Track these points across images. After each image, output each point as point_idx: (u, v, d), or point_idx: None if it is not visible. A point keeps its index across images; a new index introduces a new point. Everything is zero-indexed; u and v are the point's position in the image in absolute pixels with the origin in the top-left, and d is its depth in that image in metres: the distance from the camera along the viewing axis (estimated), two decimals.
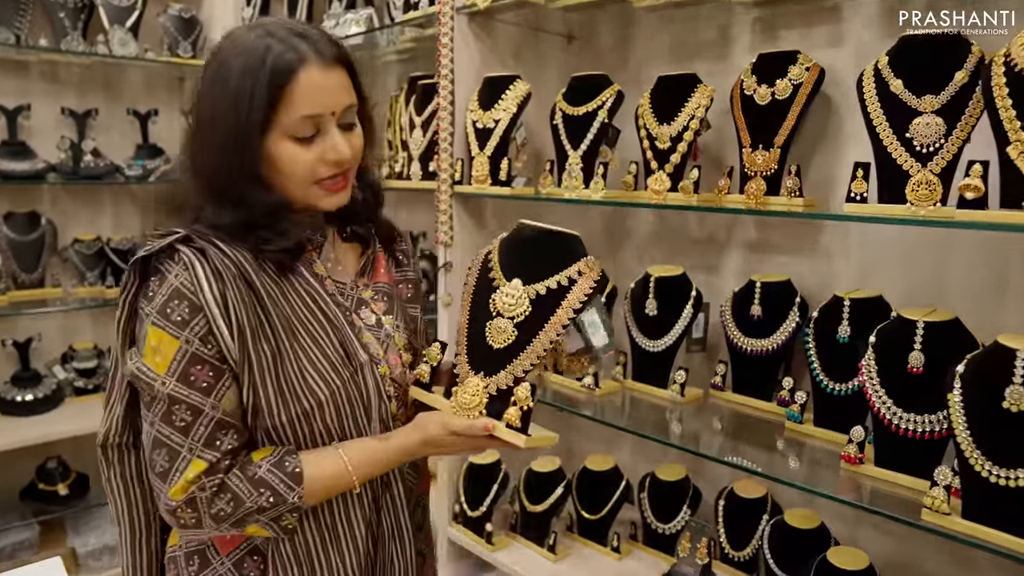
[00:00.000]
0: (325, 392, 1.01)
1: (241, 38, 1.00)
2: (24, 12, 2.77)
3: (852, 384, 1.50)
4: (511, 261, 1.14)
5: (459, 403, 1.08)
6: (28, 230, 2.88)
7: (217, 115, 0.98)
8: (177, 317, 0.95)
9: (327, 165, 1.02)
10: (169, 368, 0.95)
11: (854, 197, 1.34)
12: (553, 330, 1.06)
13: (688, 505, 1.90)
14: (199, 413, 0.96)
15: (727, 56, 1.89)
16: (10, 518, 2.88)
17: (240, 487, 0.97)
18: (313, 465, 1.01)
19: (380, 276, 1.18)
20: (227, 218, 1.00)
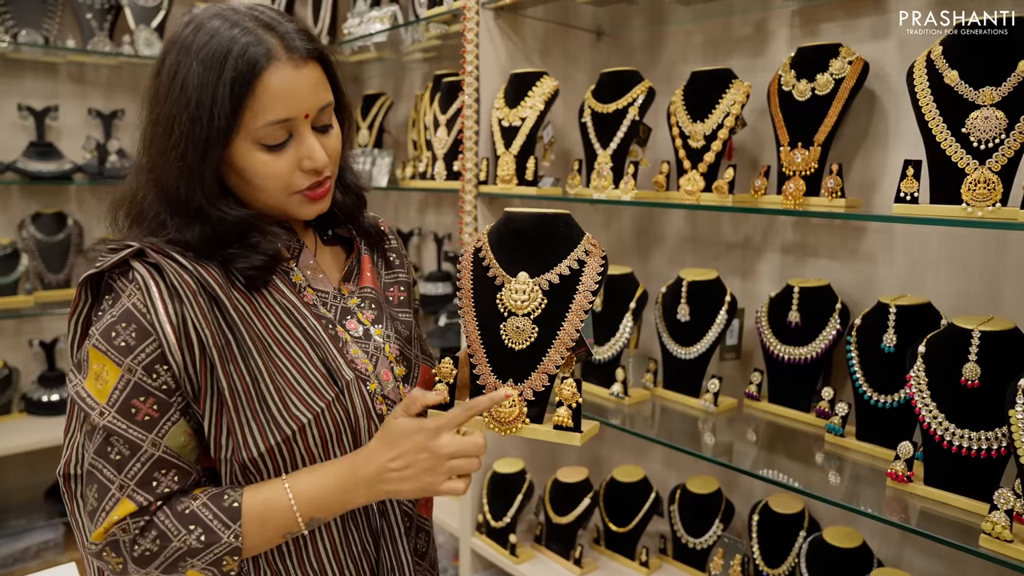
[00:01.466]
0: (307, 415, 0.90)
1: (204, 26, 0.87)
2: (52, 14, 2.78)
3: (898, 396, 1.41)
4: (508, 254, 1.05)
5: (496, 418, 1.00)
6: (55, 230, 2.89)
7: (176, 120, 0.85)
8: (121, 342, 0.84)
9: (304, 174, 0.92)
10: (109, 397, 0.84)
11: (904, 197, 1.25)
12: (576, 317, 1.00)
13: (720, 519, 1.82)
14: (137, 449, 0.84)
15: (764, 51, 1.81)
16: (35, 518, 2.89)
17: (167, 524, 0.84)
18: (255, 500, 0.88)
19: (367, 280, 1.07)
20: (190, 233, 0.89)
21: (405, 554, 1.03)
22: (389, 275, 1.13)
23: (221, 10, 0.90)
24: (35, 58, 2.85)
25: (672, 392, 1.80)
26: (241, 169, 0.89)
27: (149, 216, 0.91)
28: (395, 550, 1.02)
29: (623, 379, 1.78)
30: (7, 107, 2.83)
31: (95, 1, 2.82)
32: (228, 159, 0.89)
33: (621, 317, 1.83)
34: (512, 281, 1.02)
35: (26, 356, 2.93)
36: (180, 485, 0.87)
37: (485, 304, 1.04)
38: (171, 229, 0.89)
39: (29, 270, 2.83)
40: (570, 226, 1.05)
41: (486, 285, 1.05)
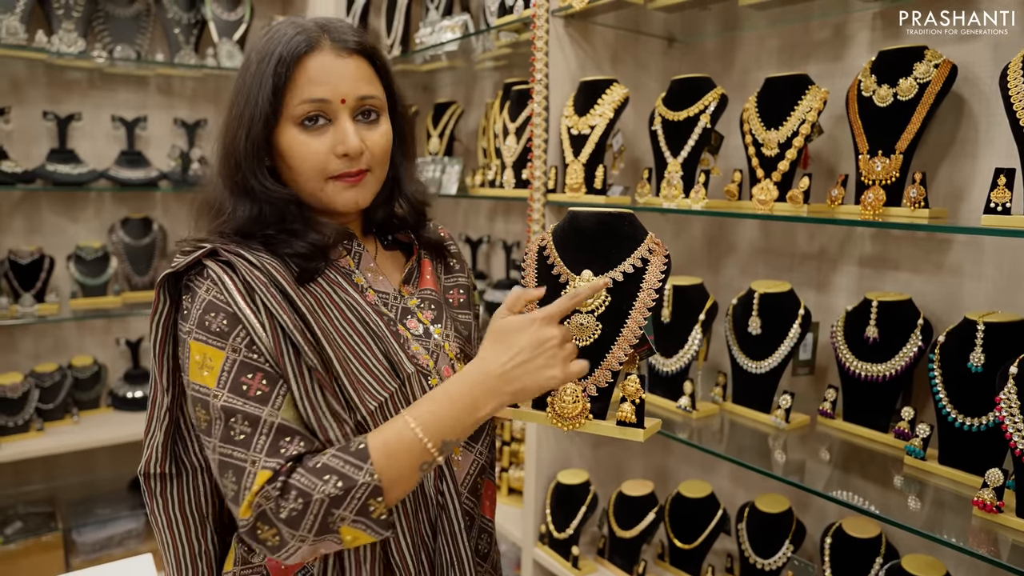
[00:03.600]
0: (372, 404, 0.93)
1: (270, 30, 0.98)
2: (144, 30, 2.93)
3: (987, 420, 1.33)
4: (572, 252, 1.06)
5: (558, 414, 1.01)
6: (141, 235, 3.03)
7: (234, 108, 0.96)
8: (216, 328, 0.88)
9: (338, 160, 0.96)
10: (219, 380, 0.87)
11: (994, 207, 1.18)
12: (640, 315, 1.01)
13: (791, 540, 1.75)
14: (257, 422, 0.86)
15: (842, 56, 1.75)
16: (120, 508, 3.03)
17: (303, 481, 0.84)
18: (379, 438, 0.89)
19: (427, 283, 1.10)
20: (241, 212, 0.96)
21: (465, 551, 1.02)
22: (449, 279, 1.16)
23: (292, 19, 0.99)
24: (128, 72, 3.01)
25: (742, 407, 1.75)
26: (283, 150, 0.96)
27: (214, 205, 0.98)
28: (454, 545, 1.02)
29: (691, 392, 1.74)
30: (102, 118, 2.99)
31: (183, 17, 2.95)
32: (274, 142, 0.96)
33: (690, 329, 1.79)
34: (576, 279, 1.04)
35: (113, 354, 3.09)
36: (307, 448, 0.88)
37: (549, 302, 1.04)
38: (226, 212, 0.96)
39: (118, 272, 2.97)
40: (634, 225, 1.06)
41: (550, 283, 1.06)
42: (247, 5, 3.06)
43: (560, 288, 1.05)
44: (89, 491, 3.07)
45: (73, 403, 2.87)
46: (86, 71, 2.95)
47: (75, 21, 2.71)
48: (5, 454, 2.56)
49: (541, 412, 1.03)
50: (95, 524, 2.92)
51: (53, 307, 2.77)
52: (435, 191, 2.48)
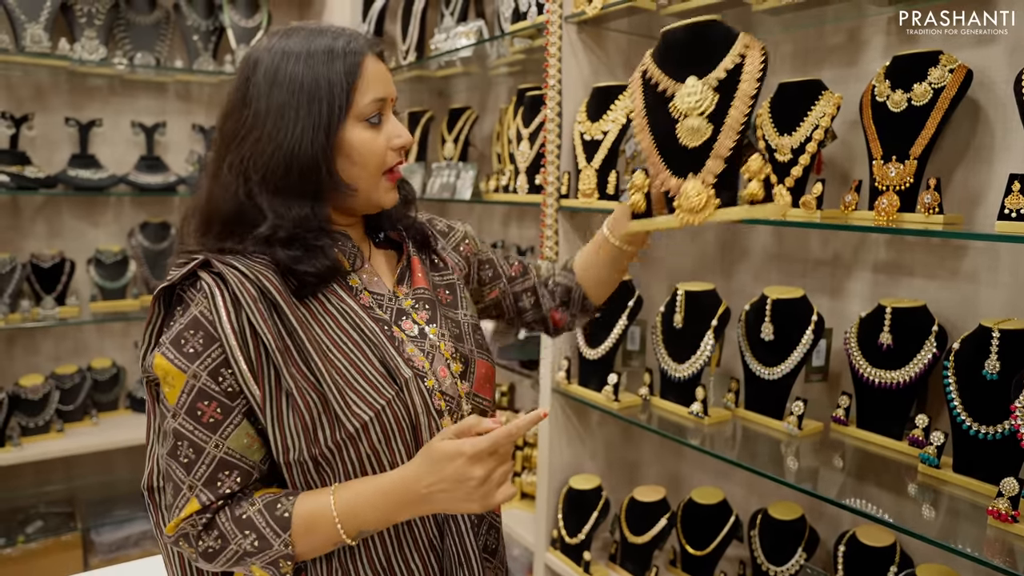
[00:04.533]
0: (369, 413, 0.93)
1: (291, 35, 0.98)
2: (164, 38, 2.97)
3: (1002, 428, 1.32)
4: (672, 67, 1.12)
5: (686, 209, 1.07)
6: (160, 239, 3.07)
7: (288, 108, 0.94)
8: (190, 349, 0.90)
9: (393, 152, 1.02)
10: (178, 400, 0.91)
11: (1009, 214, 1.17)
12: (743, 103, 1.05)
13: (804, 548, 1.74)
14: (202, 451, 0.91)
15: (856, 60, 1.74)
16: (137, 509, 3.06)
17: (226, 527, 0.92)
18: (304, 510, 0.92)
19: (419, 282, 1.11)
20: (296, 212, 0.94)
21: (472, 549, 1.04)
22: (437, 276, 1.16)
23: (295, 24, 1.01)
24: (147, 78, 3.05)
25: (754, 413, 1.74)
26: (349, 146, 0.98)
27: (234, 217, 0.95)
28: (462, 545, 1.03)
29: (703, 398, 1.73)
30: (122, 124, 3.04)
31: (201, 24, 2.99)
32: (339, 141, 0.97)
33: (702, 335, 1.78)
34: (682, 87, 1.09)
35: (132, 356, 3.13)
36: (242, 485, 0.93)
37: (658, 118, 1.12)
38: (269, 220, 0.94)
39: (136, 276, 3.02)
40: (723, 29, 1.10)
41: (656, 100, 1.13)
42: (264, 12, 3.09)
43: (667, 102, 1.10)
44: (107, 492, 3.11)
45: (92, 405, 2.91)
46: (107, 78, 3.00)
47: (97, 29, 2.76)
48: (26, 454, 2.60)
49: (670, 216, 1.10)
50: (113, 524, 2.96)
51: (73, 310, 2.81)
52: (449, 196, 2.50)
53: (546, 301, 1.30)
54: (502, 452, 0.91)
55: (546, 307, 1.30)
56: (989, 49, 1.48)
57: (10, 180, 2.62)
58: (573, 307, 1.30)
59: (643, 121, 1.14)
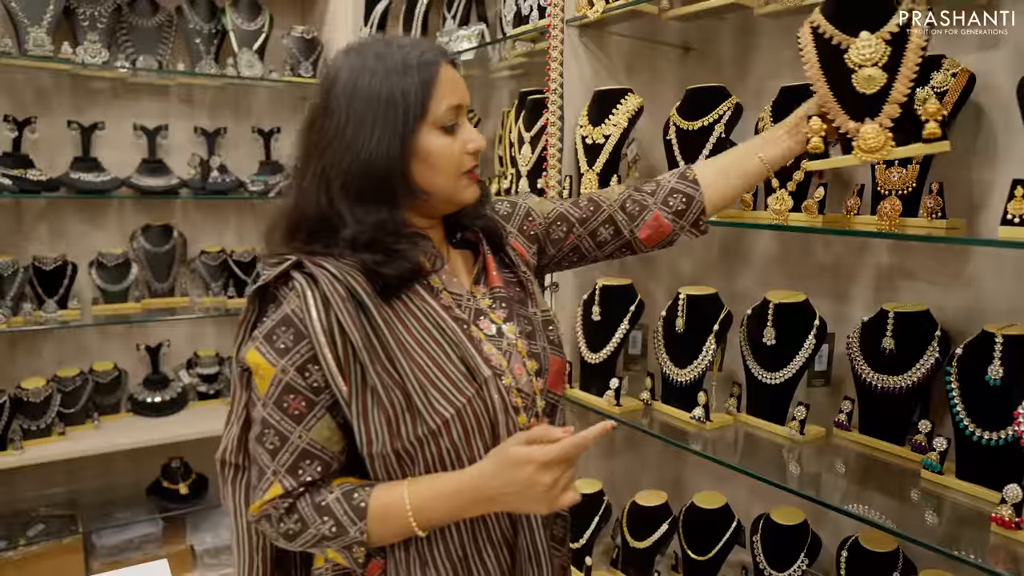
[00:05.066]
0: (450, 411, 0.98)
1: (369, 48, 1.03)
2: (166, 40, 2.98)
3: (1006, 434, 1.31)
4: (843, 22, 1.23)
5: (864, 149, 1.19)
6: (162, 242, 3.07)
7: (367, 117, 0.98)
8: (281, 344, 0.97)
9: (468, 156, 1.05)
10: (267, 392, 0.98)
11: (1012, 219, 1.17)
12: (914, 53, 1.18)
13: (806, 553, 1.73)
14: (286, 440, 0.98)
15: None
16: (138, 512, 3.06)
17: (306, 511, 0.98)
18: (380, 502, 0.98)
19: (494, 280, 1.15)
20: (373, 217, 0.99)
21: (542, 541, 1.08)
22: (508, 273, 1.19)
23: (371, 37, 1.06)
24: (150, 81, 3.06)
25: (756, 418, 1.73)
26: (426, 152, 1.01)
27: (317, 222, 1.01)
28: (532, 538, 1.07)
29: (705, 403, 1.73)
30: (124, 127, 3.04)
31: (203, 27, 3.00)
32: (416, 147, 1.00)
33: (704, 339, 1.78)
34: (856, 40, 1.20)
35: (133, 359, 3.13)
36: (322, 474, 1.00)
37: (833, 69, 1.23)
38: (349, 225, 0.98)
39: (138, 279, 3.02)
40: None
41: (829, 52, 1.24)
42: (266, 15, 3.10)
43: (841, 53, 1.22)
44: (109, 495, 3.11)
45: (94, 407, 2.91)
46: (109, 81, 3.00)
47: (100, 32, 2.76)
48: (28, 457, 2.60)
49: (848, 156, 1.23)
50: (114, 527, 2.96)
51: (75, 313, 2.81)
52: None
53: (625, 225, 1.27)
54: (569, 459, 0.96)
55: (627, 231, 1.27)
56: (993, 53, 1.48)
57: (12, 183, 2.62)
58: (687, 218, 1.27)
59: (818, 72, 1.26)
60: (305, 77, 3.10)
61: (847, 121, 1.23)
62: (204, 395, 3.15)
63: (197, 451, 3.12)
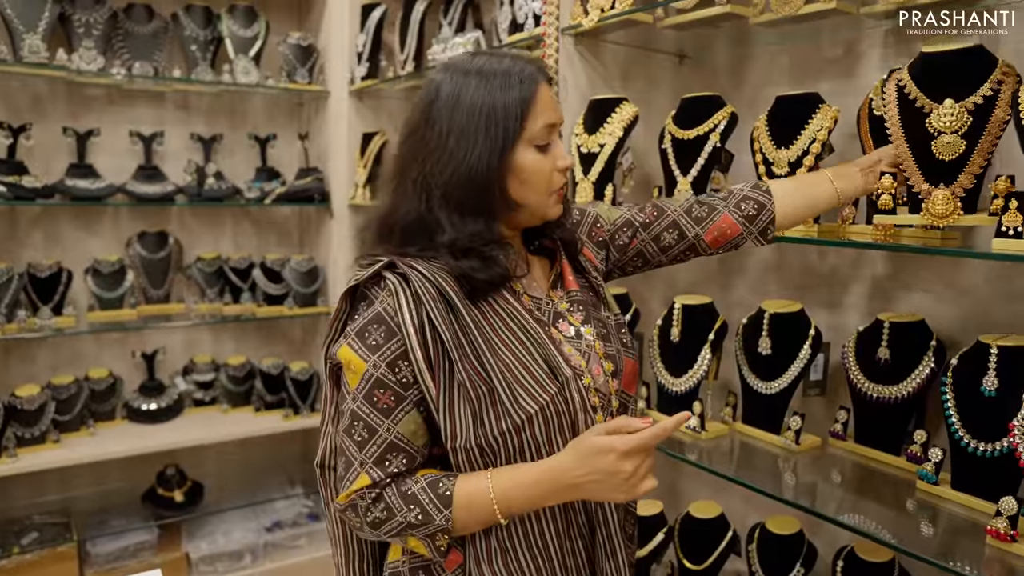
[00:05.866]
0: (534, 406, 1.01)
1: (471, 61, 1.06)
2: (162, 47, 2.97)
3: (1001, 445, 1.31)
4: (929, 85, 1.27)
5: (933, 213, 1.24)
6: (157, 248, 3.06)
7: (468, 130, 1.02)
8: (372, 341, 1.01)
9: (559, 173, 1.08)
10: (358, 386, 1.01)
11: (1006, 231, 1.17)
12: (995, 129, 1.22)
13: (802, 563, 1.73)
14: (374, 432, 1.01)
15: (854, 73, 1.74)
16: (133, 519, 3.05)
17: (393, 500, 1.01)
18: (464, 490, 1.01)
19: (571, 284, 1.18)
20: (470, 227, 1.02)
21: (618, 538, 1.12)
22: (582, 279, 1.22)
23: (474, 53, 1.11)
24: (145, 88, 3.05)
25: (751, 427, 1.73)
26: (520, 168, 1.05)
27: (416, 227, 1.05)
28: (609, 536, 1.11)
29: (700, 413, 1.72)
30: (120, 134, 3.03)
31: (199, 34, 2.99)
32: (511, 163, 1.04)
33: (699, 348, 1.77)
34: (939, 107, 1.24)
35: (129, 367, 3.12)
36: (407, 467, 1.03)
37: (913, 128, 1.28)
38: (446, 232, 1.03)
39: (134, 285, 3.01)
40: (984, 59, 1.25)
41: (913, 112, 1.29)
42: (262, 22, 3.09)
43: (924, 117, 1.26)
44: (104, 502, 3.09)
45: (89, 415, 2.89)
46: (105, 87, 3.00)
47: (95, 39, 2.76)
48: (22, 465, 2.58)
49: (916, 216, 1.29)
50: (109, 535, 2.94)
51: (70, 320, 2.80)
52: None
53: (690, 229, 1.28)
54: (649, 449, 0.99)
55: (692, 234, 1.28)
56: None
57: (7, 190, 2.61)
58: (756, 224, 1.28)
59: (899, 130, 1.31)
60: (301, 83, 3.10)
61: (922, 182, 1.27)
62: (200, 402, 3.14)
63: (193, 458, 3.10)
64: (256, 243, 3.35)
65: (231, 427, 2.99)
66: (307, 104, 3.35)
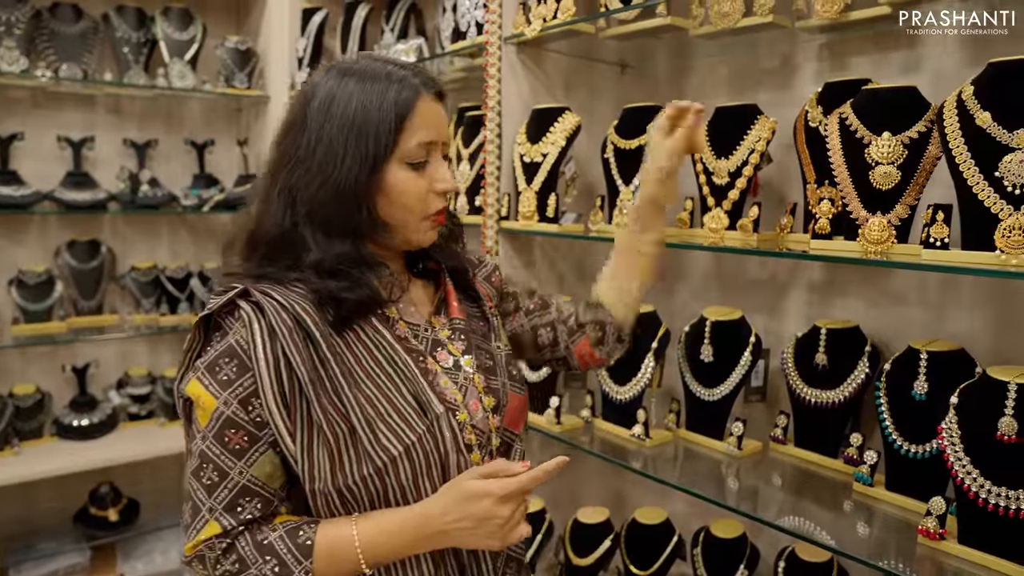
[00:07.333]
0: (398, 447, 0.93)
1: (354, 66, 0.99)
2: (91, 49, 2.85)
3: (930, 447, 1.36)
4: (870, 118, 1.35)
5: (870, 240, 1.30)
6: (88, 258, 2.94)
7: (338, 141, 0.95)
8: (224, 376, 0.92)
9: (436, 197, 1.01)
10: (207, 425, 0.93)
11: (933, 243, 1.21)
12: (928, 164, 1.31)
13: (745, 565, 1.76)
14: (225, 476, 0.93)
15: (791, 85, 1.78)
16: (64, 541, 2.91)
17: (246, 551, 0.92)
18: (326, 539, 0.93)
19: (455, 312, 1.11)
20: (337, 247, 0.95)
21: None
22: (472, 307, 1.16)
23: (361, 55, 1.03)
24: (74, 91, 2.93)
25: (695, 434, 1.75)
26: (389, 187, 0.97)
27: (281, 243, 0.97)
28: None
29: (644, 420, 1.74)
30: (47, 138, 2.90)
31: (132, 36, 2.89)
32: (380, 181, 0.97)
33: (643, 356, 1.79)
34: (878, 139, 1.31)
35: (58, 381, 2.98)
36: (262, 512, 0.94)
37: (852, 158, 1.35)
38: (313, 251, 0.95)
39: (63, 296, 2.88)
40: (920, 96, 1.34)
41: (852, 143, 1.36)
42: (199, 25, 3.01)
43: (864, 147, 1.33)
44: (31, 525, 2.95)
45: (14, 433, 2.76)
46: (29, 90, 2.87)
47: (16, 39, 2.63)
48: None
49: (853, 243, 1.34)
50: (36, 560, 2.80)
51: None
52: None
53: (564, 338, 1.24)
54: (526, 494, 0.95)
55: (563, 345, 1.24)
56: (915, 78, 1.53)
57: None
58: (607, 342, 1.24)
59: (841, 159, 1.37)
60: (240, 88, 3.02)
61: (860, 208, 1.33)
62: (135, 416, 3.02)
63: (128, 475, 2.99)
64: (194, 251, 3.24)
65: (169, 442, 2.88)
66: (246, 109, 3.27)
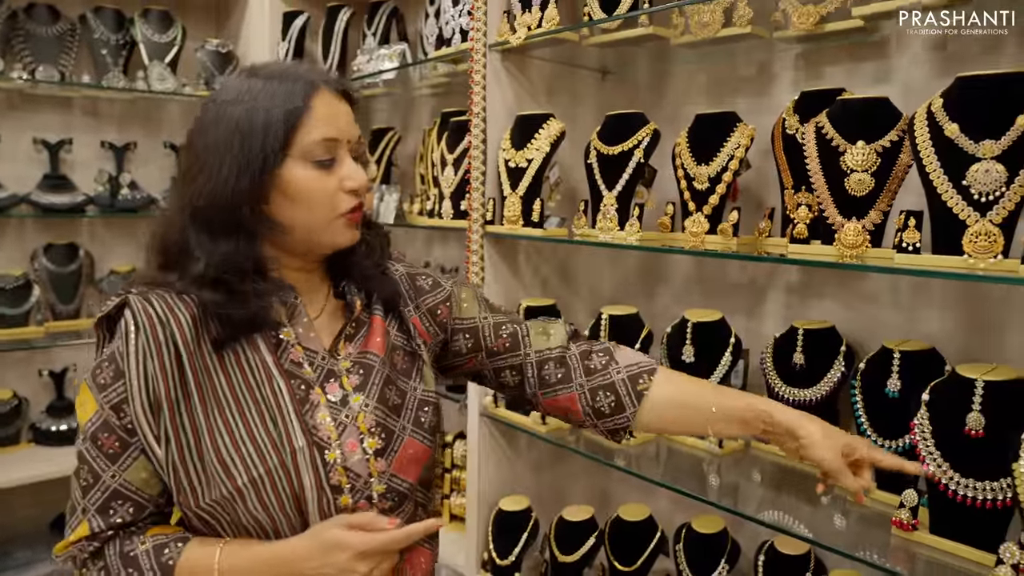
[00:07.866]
0: (244, 478, 0.90)
1: (251, 70, 0.99)
2: (69, 50, 2.83)
3: (903, 442, 1.42)
4: (844, 127, 1.40)
5: (845, 244, 1.35)
6: (67, 262, 2.92)
7: (229, 143, 0.93)
8: (101, 380, 0.93)
9: (346, 196, 0.98)
10: (86, 425, 0.94)
11: (905, 247, 1.27)
12: (900, 172, 1.36)
13: (726, 559, 1.81)
14: (98, 478, 0.93)
15: (768, 93, 1.84)
16: (40, 549, 2.88)
17: (112, 560, 0.93)
18: (189, 561, 0.92)
19: (373, 345, 1.04)
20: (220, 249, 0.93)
21: None
22: (401, 338, 1.10)
23: (259, 63, 1.01)
24: (51, 93, 2.90)
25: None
26: (287, 185, 0.95)
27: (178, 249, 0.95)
28: None
29: None
30: (23, 141, 2.88)
31: (110, 38, 2.87)
32: (278, 180, 0.94)
33: None
34: (853, 147, 1.37)
35: (36, 386, 2.96)
36: (134, 517, 0.94)
37: (828, 165, 1.40)
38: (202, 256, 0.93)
39: (40, 301, 2.85)
40: (893, 107, 1.39)
41: (828, 151, 1.41)
42: (179, 27, 3.00)
43: (839, 155, 1.38)
44: (7, 533, 2.92)
45: None
46: (5, 91, 2.84)
47: None
48: None
49: (829, 248, 1.38)
50: (14, 568, 2.78)
51: None
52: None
53: (532, 387, 1.16)
54: (390, 552, 0.94)
55: (530, 392, 1.16)
56: (887, 88, 1.59)
57: None
58: (604, 423, 1.14)
59: (817, 166, 1.43)
60: None
61: (836, 215, 1.39)
62: None
63: None
64: None
65: None
66: None
